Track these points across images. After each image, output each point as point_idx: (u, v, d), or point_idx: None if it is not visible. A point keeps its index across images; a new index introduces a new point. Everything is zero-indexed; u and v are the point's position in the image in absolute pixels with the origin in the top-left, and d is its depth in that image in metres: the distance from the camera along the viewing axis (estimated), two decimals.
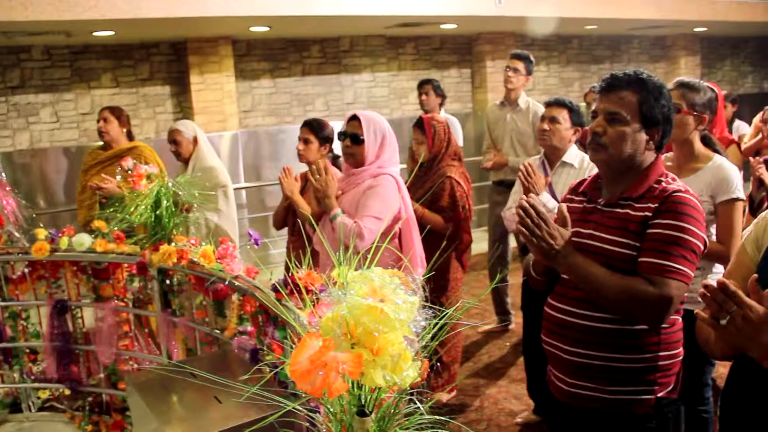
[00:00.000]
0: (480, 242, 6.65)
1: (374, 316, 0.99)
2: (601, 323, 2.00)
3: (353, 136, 3.15)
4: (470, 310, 6.01)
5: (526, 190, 3.27)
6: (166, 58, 7.33)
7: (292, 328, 2.18)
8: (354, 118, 3.17)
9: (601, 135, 2.01)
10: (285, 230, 4.10)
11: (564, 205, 1.92)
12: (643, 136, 2.02)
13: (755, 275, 1.44)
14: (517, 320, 5.34)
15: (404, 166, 4.44)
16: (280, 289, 2.32)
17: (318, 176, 3.09)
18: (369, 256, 1.18)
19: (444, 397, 4.23)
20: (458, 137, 5.68)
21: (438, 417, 1.16)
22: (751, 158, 4.00)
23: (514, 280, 5.58)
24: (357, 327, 1.01)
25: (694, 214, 1.95)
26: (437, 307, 1.13)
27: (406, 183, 3.94)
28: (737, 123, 6.61)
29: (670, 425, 2.07)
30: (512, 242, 5.44)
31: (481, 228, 7.60)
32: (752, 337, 1.43)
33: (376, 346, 1.00)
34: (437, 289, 3.93)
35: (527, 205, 1.88)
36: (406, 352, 1.05)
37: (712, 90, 3.04)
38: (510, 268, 5.70)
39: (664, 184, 2.02)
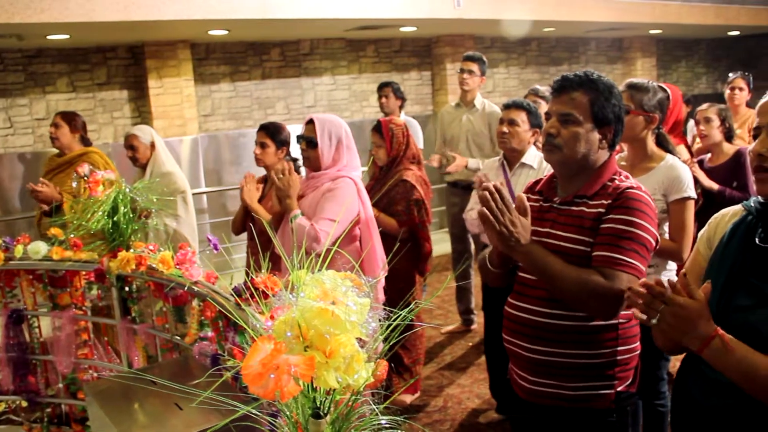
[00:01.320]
0: (443, 243, 6.70)
1: (325, 318, 0.99)
2: (560, 320, 2.04)
3: (308, 140, 3.17)
4: (433, 312, 6.07)
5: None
6: (124, 62, 7.24)
7: (249, 333, 2.17)
8: (310, 122, 3.19)
9: (555, 136, 2.05)
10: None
11: (524, 195, 1.94)
12: (596, 136, 2.06)
13: (683, 272, 1.47)
14: (479, 320, 5.39)
15: (366, 168, 4.46)
16: (236, 294, 2.32)
17: (281, 176, 3.10)
18: (321, 258, 1.18)
19: (407, 398, 4.25)
20: (418, 139, 5.71)
21: (393, 417, 1.18)
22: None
23: (477, 279, 5.62)
24: (309, 330, 1.02)
25: (645, 210, 2.00)
26: (390, 308, 1.14)
27: (366, 186, 3.95)
28: (691, 123, 6.75)
29: (630, 419, 2.11)
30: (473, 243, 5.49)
31: (443, 229, 7.65)
32: (685, 331, 1.46)
33: (328, 348, 1.01)
34: (396, 292, 3.95)
35: (493, 190, 1.89)
36: (358, 354, 1.06)
37: (664, 90, 3.11)
38: (473, 265, 5.74)
39: (617, 182, 2.07)
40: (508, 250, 1.97)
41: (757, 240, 1.60)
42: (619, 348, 2.04)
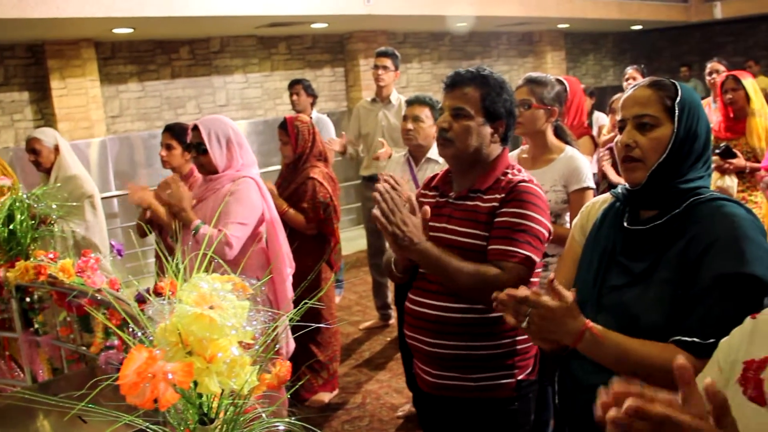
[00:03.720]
0: (360, 239, 6.70)
1: (202, 323, 0.98)
2: (459, 314, 2.07)
3: (197, 146, 3.11)
4: (351, 308, 6.08)
5: None
6: (23, 61, 6.94)
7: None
8: (195, 128, 3.13)
9: (447, 130, 2.09)
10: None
11: (413, 195, 1.96)
12: (488, 130, 2.10)
13: (551, 275, 1.53)
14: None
15: (279, 167, 4.43)
16: (140, 300, 2.26)
17: (168, 191, 3.03)
18: (203, 263, 1.17)
19: (326, 396, 4.24)
20: (331, 136, 5.70)
21: (287, 420, 1.17)
22: (600, 150, 4.24)
23: None
24: (189, 336, 1.00)
25: (537, 202, 2.06)
26: (268, 309, 1.13)
27: (275, 183, 3.92)
28: (596, 114, 6.96)
29: (532, 406, 2.17)
30: None
31: (360, 225, 7.67)
32: (555, 330, 1.51)
33: (209, 353, 1.00)
34: (307, 290, 3.94)
35: (383, 190, 1.89)
36: (243, 358, 1.05)
37: (561, 83, 3.19)
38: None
39: (510, 175, 2.12)
40: (401, 249, 1.97)
41: (625, 223, 1.70)
42: (517, 338, 2.10)
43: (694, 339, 1.48)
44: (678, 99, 1.62)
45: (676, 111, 1.61)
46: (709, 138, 1.69)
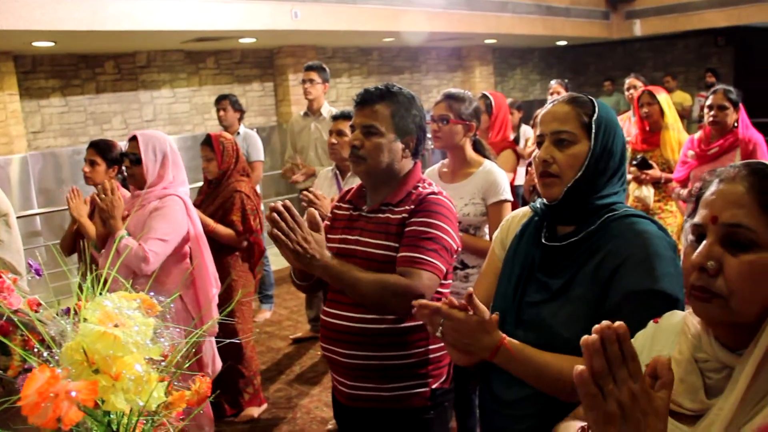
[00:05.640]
0: None
1: (107, 342, 0.99)
2: (371, 324, 2.11)
3: (132, 157, 3.10)
4: (282, 323, 6.06)
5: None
6: None
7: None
8: (133, 139, 3.13)
9: (359, 148, 2.13)
10: None
11: (314, 210, 1.97)
12: (399, 146, 2.15)
13: (470, 289, 1.54)
14: None
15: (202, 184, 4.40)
16: None
17: (104, 196, 3.01)
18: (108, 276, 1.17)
19: (255, 411, 4.22)
20: (258, 151, 5.71)
21: None
22: (529, 167, 4.36)
23: None
24: (94, 354, 1.01)
25: (446, 213, 2.11)
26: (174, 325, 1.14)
27: (195, 201, 3.90)
28: (523, 128, 7.14)
29: (448, 414, 2.22)
30: None
31: None
32: (469, 343, 1.54)
33: (114, 370, 1.01)
34: (236, 304, 3.94)
35: (282, 209, 1.86)
36: (149, 375, 1.06)
37: (487, 98, 3.27)
38: None
39: (420, 189, 2.17)
40: (305, 266, 1.95)
41: (543, 239, 1.73)
42: (430, 347, 2.14)
43: None
44: (595, 116, 1.65)
45: (593, 128, 1.64)
46: (624, 154, 1.73)
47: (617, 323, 0.96)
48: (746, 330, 1.07)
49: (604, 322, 0.96)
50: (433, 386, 2.17)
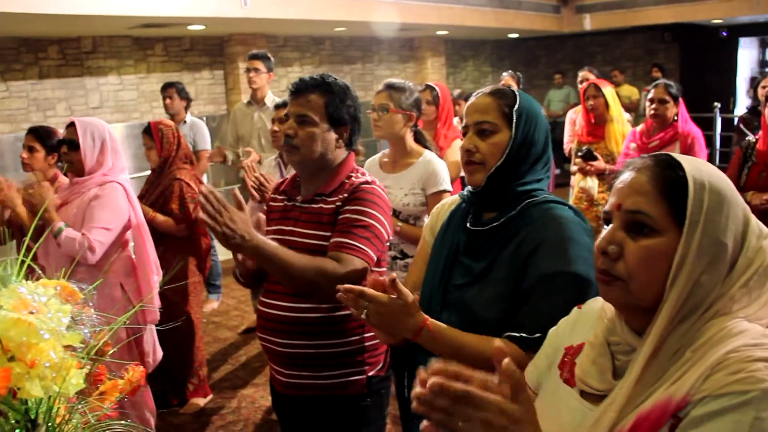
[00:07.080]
0: None
1: (21, 328, 0.99)
2: (307, 313, 2.12)
3: (69, 142, 3.06)
4: (229, 312, 6.03)
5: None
6: None
7: None
8: (71, 125, 3.09)
9: (292, 137, 2.13)
10: None
11: (236, 189, 1.96)
12: (332, 136, 2.17)
13: (393, 275, 1.58)
14: None
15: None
16: None
17: (31, 190, 2.96)
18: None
19: (200, 401, 4.21)
20: (205, 140, 5.66)
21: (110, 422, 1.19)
22: None
23: None
24: (8, 341, 1.01)
25: (377, 201, 2.14)
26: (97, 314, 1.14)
27: (142, 190, 3.86)
28: None
29: (385, 401, 2.25)
30: None
31: None
32: (394, 325, 1.58)
33: (29, 357, 1.01)
34: (178, 294, 3.92)
35: (207, 192, 1.84)
36: (67, 361, 1.06)
37: (432, 89, 3.29)
38: None
39: (353, 178, 2.19)
40: (235, 248, 1.93)
41: (468, 224, 1.79)
42: (366, 335, 2.17)
43: (522, 334, 1.58)
44: (516, 107, 1.72)
45: (514, 118, 1.71)
46: (548, 142, 1.79)
47: (438, 365, 1.01)
48: (648, 313, 1.12)
49: (431, 380, 0.98)
50: (370, 374, 2.20)
